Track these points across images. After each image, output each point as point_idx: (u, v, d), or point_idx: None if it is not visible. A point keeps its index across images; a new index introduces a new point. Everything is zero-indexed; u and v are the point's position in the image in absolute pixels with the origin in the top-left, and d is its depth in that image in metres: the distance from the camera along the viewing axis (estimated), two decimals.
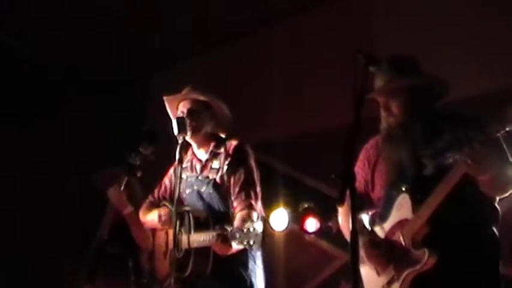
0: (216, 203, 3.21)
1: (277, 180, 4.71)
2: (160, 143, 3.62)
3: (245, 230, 2.79)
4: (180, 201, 3.17)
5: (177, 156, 3.08)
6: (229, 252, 2.97)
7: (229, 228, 2.87)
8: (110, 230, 3.87)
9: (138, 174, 3.86)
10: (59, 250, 4.85)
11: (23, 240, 5.57)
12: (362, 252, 2.61)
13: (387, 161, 2.75)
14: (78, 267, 3.91)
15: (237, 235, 2.79)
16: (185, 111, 3.29)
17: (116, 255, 3.86)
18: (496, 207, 2.61)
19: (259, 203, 3.19)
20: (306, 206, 4.80)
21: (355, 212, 2.09)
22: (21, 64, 5.42)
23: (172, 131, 3.15)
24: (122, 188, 3.81)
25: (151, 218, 3.42)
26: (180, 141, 3.09)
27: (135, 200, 3.85)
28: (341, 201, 2.04)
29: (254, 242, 2.77)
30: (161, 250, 3.33)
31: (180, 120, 3.14)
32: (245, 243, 2.79)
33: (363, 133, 2.46)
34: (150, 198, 3.55)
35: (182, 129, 3.11)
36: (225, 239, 2.86)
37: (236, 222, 3.02)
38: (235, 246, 2.88)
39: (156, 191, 3.53)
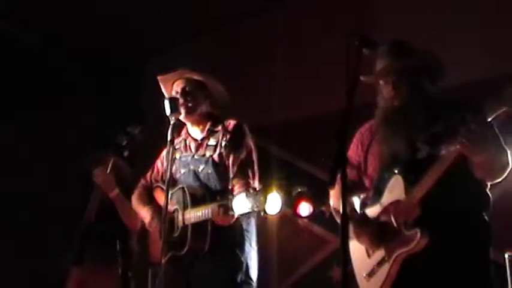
0: (213, 183, 3.17)
1: (270, 164, 4.69)
2: (156, 125, 3.58)
3: (247, 196, 2.76)
4: (174, 182, 3.14)
5: (169, 137, 3.03)
6: (231, 222, 2.95)
7: (230, 197, 2.86)
8: (98, 212, 3.86)
9: (125, 154, 3.82)
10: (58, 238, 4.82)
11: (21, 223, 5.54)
12: (351, 233, 2.61)
13: (381, 144, 2.73)
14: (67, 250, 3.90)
15: (239, 201, 2.77)
16: (179, 90, 3.26)
17: (104, 237, 3.83)
18: (487, 193, 2.61)
19: (257, 182, 3.16)
20: (299, 190, 4.81)
21: (346, 195, 2.07)
22: (21, 49, 5.37)
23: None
24: (109, 169, 3.78)
25: (142, 214, 3.36)
26: (172, 122, 3.05)
27: (123, 181, 3.83)
28: (332, 184, 2.04)
29: (257, 206, 2.75)
30: (156, 231, 3.23)
31: (171, 101, 3.10)
32: (249, 207, 2.76)
33: (358, 118, 2.46)
34: (143, 181, 3.49)
35: (174, 109, 3.07)
36: (227, 209, 2.85)
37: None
38: (238, 212, 2.85)
39: (148, 174, 3.49)
